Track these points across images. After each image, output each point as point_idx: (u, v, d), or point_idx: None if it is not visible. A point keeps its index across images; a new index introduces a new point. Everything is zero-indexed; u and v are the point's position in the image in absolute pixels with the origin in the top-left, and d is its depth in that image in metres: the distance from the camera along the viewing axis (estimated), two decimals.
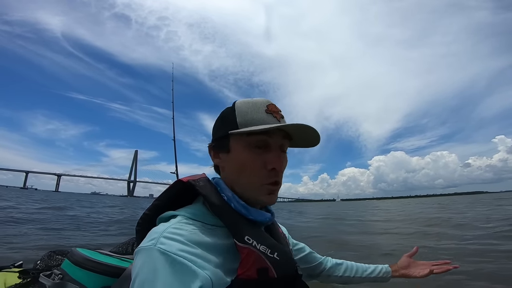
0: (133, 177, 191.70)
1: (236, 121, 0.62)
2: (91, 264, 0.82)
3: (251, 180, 0.62)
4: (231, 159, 0.64)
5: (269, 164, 0.61)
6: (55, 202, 21.89)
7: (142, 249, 0.50)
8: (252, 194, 0.63)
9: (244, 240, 0.56)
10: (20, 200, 20.61)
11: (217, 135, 0.67)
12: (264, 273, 0.55)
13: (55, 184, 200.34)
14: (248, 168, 0.61)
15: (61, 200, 26.51)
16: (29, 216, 9.80)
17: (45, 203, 19.13)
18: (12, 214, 9.78)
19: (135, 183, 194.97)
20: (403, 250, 1.15)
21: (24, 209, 12.68)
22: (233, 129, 0.61)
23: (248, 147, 0.61)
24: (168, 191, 0.66)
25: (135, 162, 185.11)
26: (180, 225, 0.54)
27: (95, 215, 12.84)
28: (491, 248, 4.91)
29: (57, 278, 0.83)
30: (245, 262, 0.54)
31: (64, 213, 12.28)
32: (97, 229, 8.19)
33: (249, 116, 0.62)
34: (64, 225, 8.36)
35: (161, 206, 0.65)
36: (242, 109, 0.63)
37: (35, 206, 15.19)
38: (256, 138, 0.61)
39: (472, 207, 18.40)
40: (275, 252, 0.58)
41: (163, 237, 0.50)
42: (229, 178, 0.65)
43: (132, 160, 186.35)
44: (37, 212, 11.51)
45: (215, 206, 0.60)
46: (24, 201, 19.66)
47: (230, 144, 0.63)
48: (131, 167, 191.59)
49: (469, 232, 7.00)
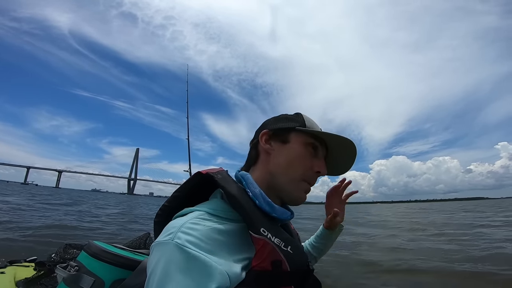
0: (134, 175, 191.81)
1: (304, 123, 0.71)
2: (107, 256, 0.85)
3: (298, 173, 0.67)
4: (286, 150, 0.69)
5: (316, 167, 0.69)
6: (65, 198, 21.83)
7: (159, 243, 0.50)
8: (292, 186, 0.68)
9: (260, 232, 0.56)
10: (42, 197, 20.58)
11: (278, 126, 0.72)
12: (278, 266, 0.55)
13: (55, 180, 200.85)
14: (300, 161, 0.68)
15: (75, 196, 26.26)
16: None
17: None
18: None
19: (135, 181, 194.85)
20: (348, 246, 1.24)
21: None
22: (301, 127, 0.70)
23: (306, 145, 0.69)
24: (188, 182, 0.67)
25: (136, 160, 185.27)
26: (197, 220, 0.54)
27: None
28: (402, 246, 6.37)
29: (73, 270, 0.85)
30: (260, 254, 0.54)
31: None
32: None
33: (314, 126, 0.72)
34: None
35: (181, 198, 0.66)
36: (309, 119, 0.73)
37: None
38: (312, 141, 0.70)
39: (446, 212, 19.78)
40: (288, 246, 0.58)
41: (180, 232, 0.50)
42: (276, 165, 0.68)
43: (133, 158, 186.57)
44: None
45: (233, 198, 0.60)
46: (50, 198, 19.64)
47: (291, 137, 0.70)
48: (131, 165, 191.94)
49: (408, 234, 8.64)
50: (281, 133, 0.71)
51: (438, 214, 20.26)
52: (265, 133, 0.71)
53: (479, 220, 12.68)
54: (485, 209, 25.77)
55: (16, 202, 12.64)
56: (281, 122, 0.73)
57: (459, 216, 16.67)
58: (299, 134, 0.70)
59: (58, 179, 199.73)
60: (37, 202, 13.98)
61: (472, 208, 30.15)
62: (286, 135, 0.70)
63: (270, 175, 0.68)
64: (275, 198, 0.68)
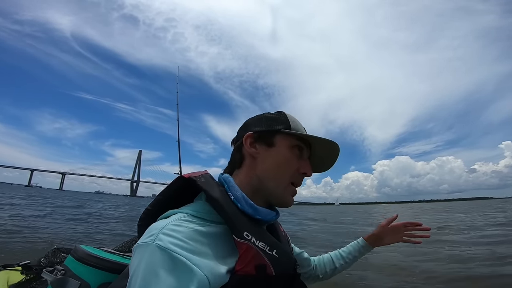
0: (137, 177, 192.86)
1: (289, 124, 0.70)
2: (93, 260, 0.84)
3: (284, 176, 0.67)
4: (272, 153, 0.68)
5: (302, 169, 0.69)
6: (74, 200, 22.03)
7: (141, 245, 0.51)
8: (279, 189, 0.67)
9: (243, 236, 0.56)
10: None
11: (263, 128, 0.70)
12: (262, 270, 0.55)
13: (59, 183, 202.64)
14: (286, 164, 0.67)
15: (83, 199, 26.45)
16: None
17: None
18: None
19: (138, 183, 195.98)
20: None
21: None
22: (286, 129, 0.68)
23: (292, 148, 0.68)
24: (170, 186, 0.68)
25: (138, 162, 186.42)
26: (179, 222, 0.54)
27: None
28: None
29: (59, 273, 0.84)
30: (243, 258, 0.54)
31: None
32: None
33: (298, 126, 0.71)
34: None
35: (163, 201, 0.66)
36: (293, 119, 0.72)
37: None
38: (298, 143, 0.69)
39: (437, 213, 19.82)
40: (273, 250, 0.58)
41: (161, 234, 0.50)
42: (262, 169, 0.67)
43: (136, 160, 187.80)
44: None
45: (215, 202, 0.60)
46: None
47: (276, 140, 0.69)
48: (134, 167, 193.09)
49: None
50: (266, 136, 0.69)
51: (454, 214, 19.76)
52: (249, 136, 0.70)
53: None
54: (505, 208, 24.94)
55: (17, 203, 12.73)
56: (266, 124, 0.71)
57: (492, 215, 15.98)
58: (285, 136, 0.69)
59: (62, 182, 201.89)
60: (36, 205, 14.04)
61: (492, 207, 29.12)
62: (272, 138, 0.69)
63: (257, 179, 0.67)
64: (260, 201, 0.67)
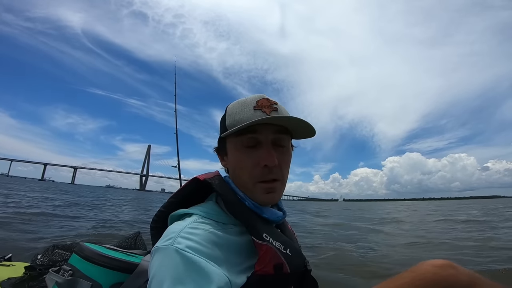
0: (146, 171, 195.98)
1: (225, 124, 0.65)
2: (103, 260, 0.80)
3: (245, 180, 0.63)
4: (229, 161, 0.67)
5: (261, 161, 0.61)
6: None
7: (160, 248, 0.51)
8: (250, 195, 0.63)
9: (262, 237, 0.57)
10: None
11: (218, 139, 0.71)
12: (280, 269, 0.56)
13: (71, 177, 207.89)
14: (241, 168, 0.63)
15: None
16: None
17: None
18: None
19: (147, 177, 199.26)
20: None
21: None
22: (223, 132, 0.64)
23: (239, 148, 0.63)
24: (184, 188, 0.68)
25: (147, 156, 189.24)
26: (196, 224, 0.55)
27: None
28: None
29: (67, 274, 0.80)
30: (263, 259, 0.55)
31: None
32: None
33: (238, 117, 0.63)
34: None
35: (176, 203, 0.66)
36: (232, 110, 0.66)
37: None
38: (245, 137, 0.62)
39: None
40: (287, 248, 0.59)
41: (180, 237, 0.51)
42: (232, 180, 0.67)
43: (145, 155, 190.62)
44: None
45: (230, 204, 0.61)
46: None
47: (227, 147, 0.67)
48: (143, 162, 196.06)
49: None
50: (221, 148, 0.71)
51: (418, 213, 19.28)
52: (216, 151, 0.73)
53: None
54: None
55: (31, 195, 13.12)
56: (219, 134, 0.70)
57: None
58: (229, 141, 0.66)
59: (74, 176, 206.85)
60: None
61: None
62: (224, 147, 0.69)
63: (237, 186, 0.67)
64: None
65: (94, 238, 4.73)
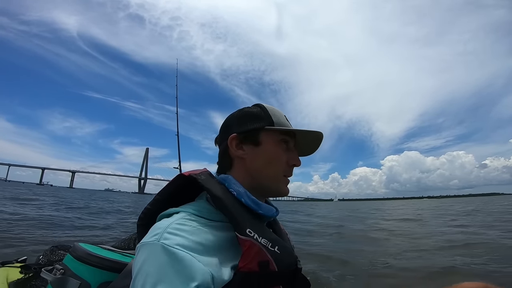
0: (144, 174, 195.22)
1: (272, 120, 0.71)
2: (93, 259, 0.82)
3: (277, 172, 0.69)
4: (260, 151, 0.69)
5: (291, 161, 0.71)
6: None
7: (145, 244, 0.50)
8: (275, 184, 0.70)
9: (246, 233, 0.56)
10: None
11: (246, 127, 0.70)
12: (265, 266, 0.55)
13: (69, 181, 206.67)
14: (277, 160, 0.69)
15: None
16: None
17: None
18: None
19: (145, 180, 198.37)
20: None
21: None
22: (270, 126, 0.69)
23: (278, 144, 0.70)
24: (169, 185, 0.67)
25: (146, 159, 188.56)
26: (183, 221, 0.54)
27: None
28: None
29: (58, 273, 0.83)
30: (247, 255, 0.55)
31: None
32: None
33: (281, 120, 0.73)
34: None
35: (162, 201, 0.65)
36: (273, 111, 0.73)
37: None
38: (283, 137, 0.71)
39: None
40: (275, 246, 0.59)
41: (166, 233, 0.50)
42: (254, 169, 0.68)
43: (143, 158, 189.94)
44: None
45: (217, 199, 0.60)
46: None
47: (261, 138, 0.69)
48: (142, 165, 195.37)
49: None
50: (251, 136, 0.70)
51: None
52: (234, 138, 0.70)
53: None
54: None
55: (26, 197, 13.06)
56: (248, 122, 0.71)
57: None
58: (269, 133, 0.70)
59: (72, 180, 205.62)
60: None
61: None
62: (257, 136, 0.70)
63: (251, 178, 0.68)
64: (259, 197, 0.68)
65: (95, 239, 4.72)
